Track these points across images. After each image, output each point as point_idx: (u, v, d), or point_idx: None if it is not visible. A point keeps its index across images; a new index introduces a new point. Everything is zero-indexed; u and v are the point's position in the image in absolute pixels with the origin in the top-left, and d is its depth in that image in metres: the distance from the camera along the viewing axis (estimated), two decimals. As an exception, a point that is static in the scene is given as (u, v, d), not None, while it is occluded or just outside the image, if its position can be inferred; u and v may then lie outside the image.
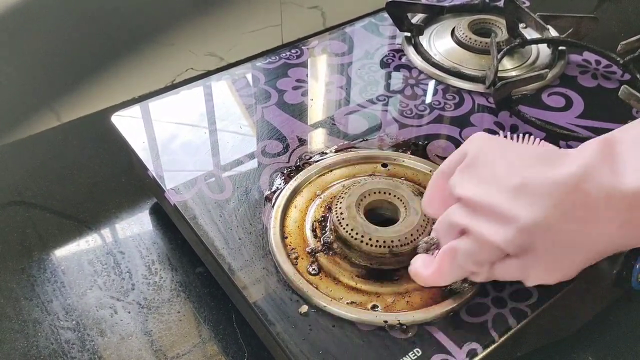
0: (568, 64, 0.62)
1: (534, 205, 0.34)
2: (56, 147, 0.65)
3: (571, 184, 0.34)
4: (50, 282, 0.52)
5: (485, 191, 0.36)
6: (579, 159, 0.35)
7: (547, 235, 0.34)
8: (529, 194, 0.34)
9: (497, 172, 0.36)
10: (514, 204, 0.35)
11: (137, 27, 0.82)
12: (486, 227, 0.36)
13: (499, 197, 0.35)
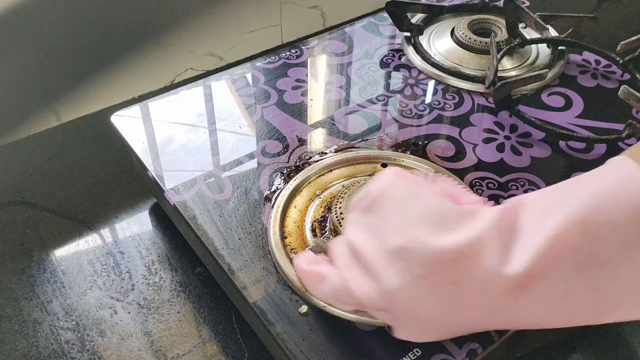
0: (568, 63, 0.62)
1: (404, 272, 0.32)
2: (56, 147, 0.65)
3: (449, 258, 0.32)
4: (50, 283, 0.52)
5: (368, 242, 0.34)
6: (471, 230, 0.32)
7: (407, 303, 0.33)
8: (405, 259, 0.33)
9: (386, 226, 0.34)
10: (387, 265, 0.33)
11: (137, 27, 0.82)
12: (356, 278, 0.34)
13: (377, 254, 0.34)
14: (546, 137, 0.53)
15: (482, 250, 0.32)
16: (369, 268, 0.34)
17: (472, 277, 0.32)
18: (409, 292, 0.32)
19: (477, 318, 0.33)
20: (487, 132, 0.54)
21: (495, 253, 0.32)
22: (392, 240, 0.33)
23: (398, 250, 0.33)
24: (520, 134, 0.54)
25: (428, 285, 0.32)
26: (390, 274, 0.33)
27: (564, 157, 0.52)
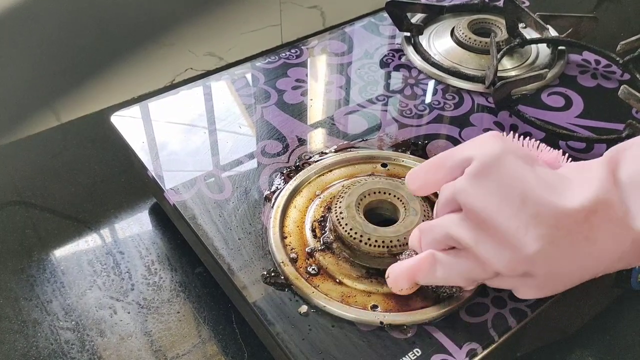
0: (568, 63, 0.62)
1: (542, 237, 0.34)
2: (56, 147, 0.65)
3: (581, 217, 0.34)
4: (49, 283, 0.52)
5: (495, 208, 0.35)
6: (587, 189, 0.34)
7: (549, 263, 0.35)
8: (539, 225, 0.34)
9: (509, 191, 0.35)
10: (523, 234, 0.34)
11: (137, 27, 0.82)
12: (490, 250, 0.35)
13: (509, 221, 0.34)
14: (546, 137, 0.53)
15: (606, 205, 0.34)
16: (505, 237, 0.34)
17: (602, 230, 0.34)
18: (550, 253, 0.34)
19: (605, 265, 0.36)
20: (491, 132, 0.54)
21: (617, 207, 0.34)
22: (522, 209, 0.34)
23: (530, 218, 0.34)
24: (520, 133, 0.54)
25: (566, 245, 0.34)
26: (530, 240, 0.34)
27: (564, 157, 0.52)
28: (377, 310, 0.40)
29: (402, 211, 0.44)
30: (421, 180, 0.40)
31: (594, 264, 0.36)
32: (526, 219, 0.34)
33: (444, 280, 0.38)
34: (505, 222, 0.34)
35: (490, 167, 0.36)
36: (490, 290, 0.41)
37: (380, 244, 0.41)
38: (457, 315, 0.40)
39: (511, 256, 0.35)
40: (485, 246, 0.35)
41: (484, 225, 0.35)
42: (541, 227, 0.34)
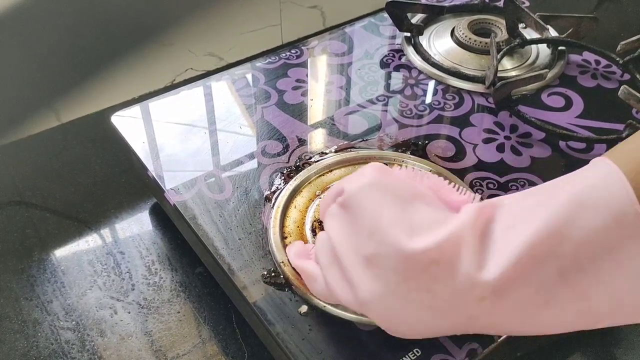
0: (568, 64, 0.62)
1: (377, 280, 0.32)
2: (56, 147, 0.65)
3: (421, 266, 0.31)
4: (50, 283, 0.52)
5: (345, 242, 0.34)
6: (443, 232, 0.31)
7: (385, 312, 0.33)
8: (377, 266, 0.32)
9: (360, 228, 0.33)
10: (361, 272, 0.33)
11: (137, 27, 0.82)
12: (336, 281, 0.34)
13: (353, 258, 0.33)
14: (546, 137, 0.53)
15: (455, 255, 0.31)
16: (347, 273, 0.33)
17: (445, 283, 0.31)
18: (383, 300, 0.32)
19: (454, 323, 0.32)
20: (487, 132, 0.54)
21: (470, 258, 0.31)
22: (366, 246, 0.33)
23: (371, 257, 0.32)
24: (520, 134, 0.54)
25: (402, 293, 0.32)
26: (364, 281, 0.32)
27: (564, 157, 0.52)
28: (377, 310, 0.40)
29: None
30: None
31: (436, 321, 0.32)
32: (367, 257, 0.32)
33: (319, 294, 0.37)
34: (349, 257, 0.33)
35: (353, 199, 0.34)
36: (490, 290, 0.41)
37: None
38: (457, 316, 0.40)
39: (350, 294, 0.33)
40: (335, 276, 0.34)
41: (336, 255, 0.34)
42: (376, 270, 0.32)
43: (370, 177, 0.35)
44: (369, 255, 0.32)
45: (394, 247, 0.31)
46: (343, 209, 0.35)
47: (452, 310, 0.32)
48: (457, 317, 0.32)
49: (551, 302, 0.31)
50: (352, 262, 0.33)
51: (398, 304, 0.32)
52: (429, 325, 0.33)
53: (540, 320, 0.31)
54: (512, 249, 0.30)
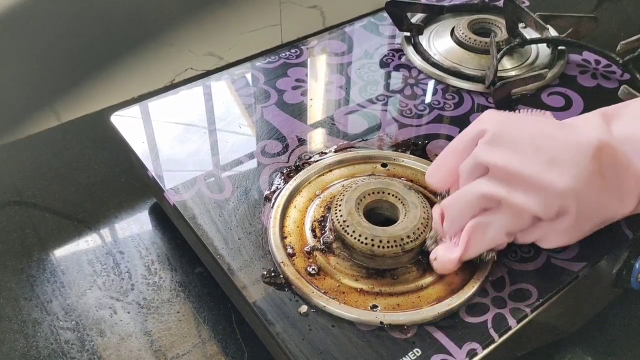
0: (568, 63, 0.62)
1: (565, 174, 0.37)
2: (56, 147, 0.65)
3: (594, 150, 0.37)
4: (49, 282, 0.52)
5: (517, 161, 0.38)
6: (590, 130, 0.38)
7: (578, 200, 0.37)
8: (559, 165, 0.37)
9: (523, 146, 0.38)
10: (548, 174, 0.37)
11: (137, 27, 0.82)
12: (523, 198, 0.38)
13: (533, 168, 0.37)
14: (546, 137, 0.53)
15: (608, 146, 0.37)
16: (533, 182, 0.37)
17: (611, 168, 0.38)
18: (578, 185, 0.37)
19: (628, 204, 0.39)
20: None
21: (618, 150, 0.38)
22: (541, 154, 0.38)
23: (551, 160, 0.37)
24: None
25: (588, 176, 0.37)
26: (556, 177, 0.37)
27: (564, 157, 0.52)
28: (377, 310, 0.40)
29: (402, 211, 0.44)
30: (441, 171, 0.43)
31: (615, 201, 0.39)
32: (544, 162, 0.37)
33: (491, 241, 0.40)
34: (529, 169, 0.37)
35: (502, 130, 0.39)
36: (490, 290, 0.41)
37: (380, 244, 0.41)
38: (457, 315, 0.40)
39: (545, 197, 0.37)
40: (517, 194, 0.38)
41: (511, 177, 0.38)
42: (561, 167, 0.37)
43: (499, 113, 0.41)
44: (548, 159, 0.37)
45: (563, 144, 0.38)
46: (496, 141, 0.39)
47: (623, 190, 0.38)
48: (629, 196, 0.38)
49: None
50: (534, 170, 0.37)
51: (588, 187, 0.37)
52: (611, 206, 0.39)
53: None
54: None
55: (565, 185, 0.37)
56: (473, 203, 0.40)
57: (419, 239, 0.42)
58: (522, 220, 0.39)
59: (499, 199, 0.39)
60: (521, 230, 0.40)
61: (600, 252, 0.44)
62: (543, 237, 0.41)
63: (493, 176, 0.39)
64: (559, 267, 0.43)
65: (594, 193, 0.38)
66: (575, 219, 0.38)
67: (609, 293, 0.49)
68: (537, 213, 0.38)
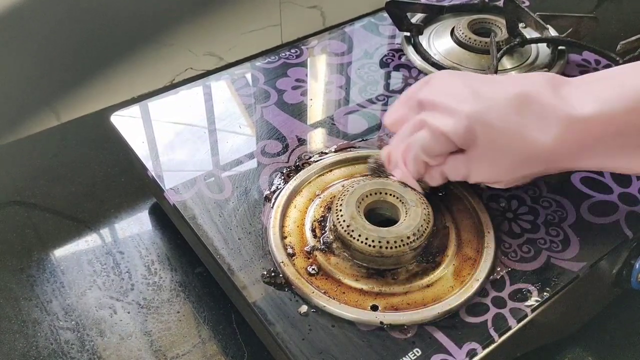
0: (567, 63, 0.62)
1: (478, 102, 0.40)
2: (56, 147, 0.65)
3: (515, 92, 0.40)
4: (49, 282, 0.52)
5: (443, 94, 0.42)
6: (524, 80, 0.41)
7: (487, 130, 0.40)
8: (477, 97, 0.40)
9: (456, 85, 0.42)
10: (464, 103, 0.40)
11: (136, 27, 0.82)
12: (438, 118, 0.41)
13: (453, 98, 0.41)
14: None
15: (541, 90, 0.40)
16: (449, 108, 0.41)
17: (535, 106, 0.39)
18: (486, 115, 0.40)
19: (541, 145, 0.39)
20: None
21: (552, 95, 0.40)
22: (464, 90, 0.41)
23: (471, 93, 0.41)
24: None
25: (499, 111, 0.40)
26: (467, 105, 0.40)
27: (564, 157, 0.52)
28: (377, 310, 0.40)
29: (402, 210, 0.44)
30: (393, 115, 0.47)
31: (532, 143, 0.39)
32: (465, 94, 0.41)
33: (416, 159, 0.43)
34: (448, 99, 0.41)
35: (441, 75, 0.45)
36: (490, 290, 0.41)
37: (388, 244, 0.41)
38: (457, 315, 0.40)
39: (455, 119, 0.40)
40: (435, 116, 0.42)
41: (434, 105, 0.42)
42: (477, 99, 0.40)
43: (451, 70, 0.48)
44: (469, 93, 0.41)
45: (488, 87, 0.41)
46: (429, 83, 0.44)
47: (540, 131, 0.39)
48: (543, 137, 0.39)
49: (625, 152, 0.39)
50: (453, 100, 0.41)
51: (498, 120, 0.39)
52: (525, 151, 0.40)
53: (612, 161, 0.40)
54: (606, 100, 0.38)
55: (472, 110, 0.40)
56: (405, 133, 0.45)
57: (424, 236, 0.42)
58: (437, 140, 0.41)
59: (421, 123, 0.43)
60: (440, 153, 0.42)
61: (600, 252, 0.44)
62: (467, 171, 0.43)
63: (422, 109, 0.44)
64: (559, 267, 0.43)
65: (508, 126, 0.39)
66: (487, 149, 0.40)
67: (609, 293, 0.49)
68: (446, 132, 0.41)
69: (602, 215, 0.46)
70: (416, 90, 0.45)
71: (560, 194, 0.48)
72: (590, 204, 0.47)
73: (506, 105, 0.39)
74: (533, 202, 0.47)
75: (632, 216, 0.46)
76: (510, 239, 0.45)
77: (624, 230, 0.46)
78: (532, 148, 0.40)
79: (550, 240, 0.45)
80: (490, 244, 0.44)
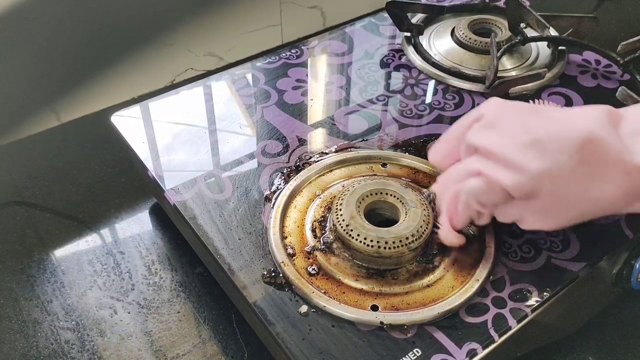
0: (568, 63, 0.62)
1: (545, 157, 0.37)
2: (56, 147, 0.65)
3: (580, 142, 0.37)
4: (50, 282, 0.52)
5: (501, 143, 0.39)
6: (583, 120, 0.38)
7: (553, 185, 0.38)
8: (542, 149, 0.37)
9: (513, 129, 0.39)
10: (528, 155, 0.38)
11: (137, 27, 0.82)
12: (498, 171, 0.39)
13: (515, 149, 0.38)
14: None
15: (605, 135, 0.37)
16: (512, 161, 0.38)
17: (603, 156, 0.37)
18: (553, 172, 0.37)
19: (610, 197, 0.38)
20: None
21: (617, 140, 0.37)
22: (526, 137, 0.38)
23: (534, 142, 0.38)
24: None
25: (567, 166, 0.37)
26: (534, 160, 0.37)
27: (564, 157, 0.52)
28: (377, 310, 0.40)
29: (402, 210, 0.44)
30: (441, 152, 0.45)
31: (597, 193, 0.38)
32: (527, 144, 0.38)
33: (465, 206, 0.41)
34: (510, 150, 0.38)
35: (497, 114, 0.41)
36: (490, 290, 0.41)
37: (386, 245, 0.41)
38: (457, 315, 0.40)
39: (518, 175, 0.38)
40: (496, 168, 0.39)
41: (494, 156, 0.39)
42: (542, 151, 0.37)
43: (499, 100, 0.42)
44: (532, 140, 0.38)
45: (551, 131, 0.38)
46: (487, 125, 0.41)
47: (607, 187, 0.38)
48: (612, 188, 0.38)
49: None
50: (515, 151, 0.38)
51: (564, 175, 0.37)
52: (589, 199, 0.38)
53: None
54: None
55: (540, 168, 0.37)
56: (456, 177, 0.42)
57: (423, 237, 0.42)
58: (494, 191, 0.39)
59: (477, 172, 0.40)
60: (494, 204, 0.41)
61: (600, 252, 0.44)
62: (520, 217, 0.41)
63: (477, 155, 0.41)
64: (559, 267, 0.43)
65: (574, 180, 0.38)
66: (550, 203, 0.39)
67: (609, 293, 0.49)
68: (507, 187, 0.39)
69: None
70: (467, 126, 0.42)
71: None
72: (590, 204, 0.47)
73: (573, 157, 0.37)
74: (533, 202, 0.47)
75: (632, 216, 0.46)
76: (511, 239, 0.45)
77: (624, 230, 0.46)
78: (597, 199, 0.38)
79: (550, 240, 0.45)
80: (490, 244, 0.44)
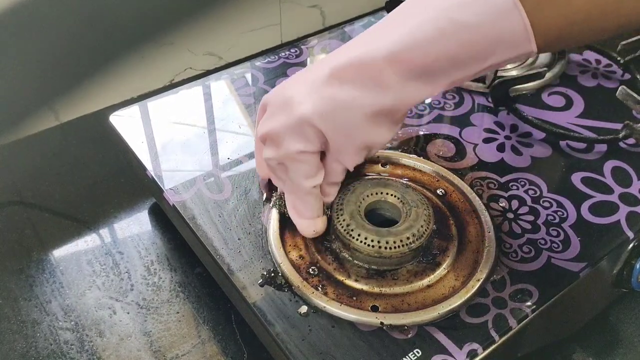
0: (568, 63, 0.62)
1: (308, 100, 0.38)
2: (55, 147, 0.65)
3: (329, 72, 0.38)
4: (49, 283, 0.51)
5: (273, 121, 0.40)
6: (321, 64, 0.39)
7: (327, 118, 0.38)
8: (300, 98, 0.39)
9: (275, 104, 0.41)
10: (294, 110, 0.39)
11: (136, 26, 0.82)
12: (288, 143, 0.40)
13: (282, 117, 0.40)
14: (546, 137, 0.53)
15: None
16: (288, 127, 0.39)
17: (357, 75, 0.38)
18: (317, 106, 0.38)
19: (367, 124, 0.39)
20: (488, 132, 0.54)
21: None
22: (286, 100, 0.40)
23: (291, 98, 0.39)
24: (520, 133, 0.54)
25: (324, 97, 0.38)
26: (298, 109, 0.39)
27: (564, 157, 0.52)
28: (377, 310, 0.40)
29: (402, 210, 0.44)
30: (258, 162, 0.47)
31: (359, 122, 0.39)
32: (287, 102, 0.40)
33: (300, 187, 0.42)
34: (279, 122, 0.40)
35: (267, 99, 0.43)
36: (490, 290, 0.41)
37: (387, 245, 0.41)
38: (458, 316, 0.40)
39: (299, 130, 0.39)
40: (285, 143, 0.40)
41: (273, 136, 0.41)
42: (300, 98, 0.39)
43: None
44: (287, 98, 0.40)
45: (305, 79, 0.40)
46: (263, 117, 0.43)
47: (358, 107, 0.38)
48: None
49: None
50: (280, 120, 0.40)
51: (330, 106, 0.38)
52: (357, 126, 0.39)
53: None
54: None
55: (307, 109, 0.38)
56: (270, 170, 0.44)
57: (423, 237, 0.42)
58: (303, 159, 0.40)
59: (273, 158, 0.41)
60: (316, 168, 0.41)
61: (600, 253, 0.44)
62: (338, 162, 0.41)
63: (265, 145, 0.42)
64: (559, 268, 0.43)
65: (340, 111, 0.38)
66: (337, 142, 0.39)
67: (609, 293, 0.49)
68: (305, 147, 0.39)
69: (602, 216, 0.46)
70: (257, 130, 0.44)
71: (561, 194, 0.48)
72: (590, 204, 0.47)
73: (328, 87, 0.38)
74: (533, 202, 0.47)
75: (632, 216, 0.46)
76: (511, 239, 0.45)
77: (624, 230, 0.45)
78: (366, 130, 0.39)
79: (550, 240, 0.45)
80: (490, 244, 0.44)
